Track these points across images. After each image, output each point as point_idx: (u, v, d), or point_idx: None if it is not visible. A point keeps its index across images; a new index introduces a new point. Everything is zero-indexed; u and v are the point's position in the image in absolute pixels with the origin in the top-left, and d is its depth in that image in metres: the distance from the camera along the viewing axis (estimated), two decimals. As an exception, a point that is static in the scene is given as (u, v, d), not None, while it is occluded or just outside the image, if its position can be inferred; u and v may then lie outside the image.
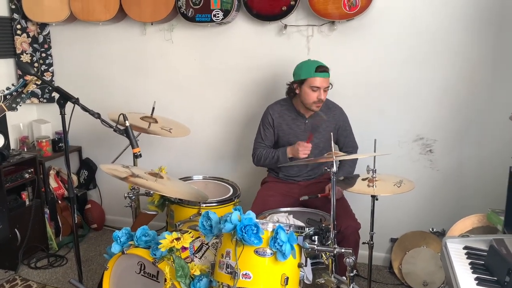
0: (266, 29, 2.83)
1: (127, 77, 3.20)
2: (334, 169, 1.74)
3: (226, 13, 2.70)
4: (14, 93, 1.96)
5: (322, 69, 2.30)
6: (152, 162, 2.80)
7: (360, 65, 2.71)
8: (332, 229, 1.76)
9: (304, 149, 2.28)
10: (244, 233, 1.51)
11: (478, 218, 2.15)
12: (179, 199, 2.27)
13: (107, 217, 3.47)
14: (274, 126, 2.48)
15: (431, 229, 2.65)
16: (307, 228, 1.67)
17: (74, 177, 3.36)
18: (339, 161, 2.47)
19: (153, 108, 2.58)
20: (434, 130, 2.66)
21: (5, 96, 1.95)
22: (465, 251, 1.47)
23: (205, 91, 3.06)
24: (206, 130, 3.10)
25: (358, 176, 2.17)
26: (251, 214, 1.55)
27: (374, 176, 2.01)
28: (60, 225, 3.14)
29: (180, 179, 2.48)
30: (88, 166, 3.37)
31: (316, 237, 1.64)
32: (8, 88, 1.97)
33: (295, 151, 2.31)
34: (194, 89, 3.07)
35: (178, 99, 3.10)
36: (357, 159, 2.50)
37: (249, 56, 2.91)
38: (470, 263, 1.39)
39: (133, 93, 3.20)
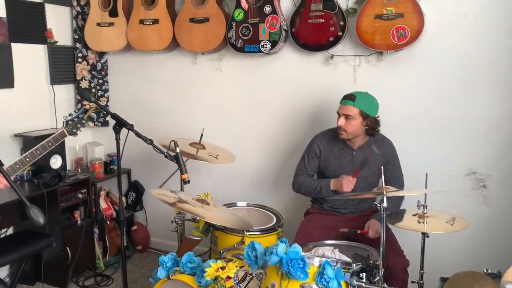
0: (313, 58, 2.86)
1: (177, 104, 3.32)
2: (385, 204, 1.70)
3: (274, 43, 2.76)
4: (75, 119, 2.09)
5: (345, 97, 2.34)
6: (197, 186, 2.85)
7: (409, 96, 2.66)
8: (380, 266, 1.70)
9: (348, 183, 2.26)
10: (290, 267, 1.49)
11: (539, 261, 2.00)
12: (223, 226, 2.29)
13: (152, 239, 3.55)
14: (320, 156, 2.47)
15: (485, 270, 2.48)
16: (354, 264, 1.62)
17: (123, 199, 3.48)
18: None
19: (202, 135, 2.65)
20: (488, 164, 2.54)
21: (67, 122, 2.08)
22: (528, 299, 1.37)
23: (251, 118, 3.11)
24: (250, 157, 3.13)
25: (404, 211, 2.10)
26: (297, 248, 1.54)
27: (425, 212, 1.94)
28: (108, 245, 3.25)
29: (224, 205, 2.51)
30: (136, 189, 3.48)
31: (364, 274, 1.59)
32: (70, 114, 2.10)
33: (339, 185, 2.29)
34: (241, 117, 3.14)
35: (225, 126, 3.17)
36: (403, 196, 2.42)
37: (295, 84, 2.94)
38: (534, 314, 1.29)
39: (181, 119, 3.30)
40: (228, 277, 1.76)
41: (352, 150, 2.43)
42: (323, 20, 2.65)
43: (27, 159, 1.88)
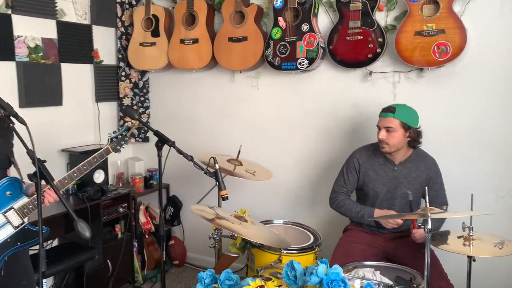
0: (350, 75, 2.85)
1: (214, 120, 3.37)
2: (429, 226, 1.65)
3: (311, 61, 2.77)
4: (119, 136, 2.16)
5: (384, 109, 2.32)
6: (233, 203, 2.84)
7: (451, 113, 2.59)
8: (424, 291, 1.64)
9: (393, 224, 2.24)
10: (330, 288, 1.47)
11: None
12: (260, 243, 2.28)
13: (188, 254, 3.58)
14: (359, 171, 2.44)
15: (537, 298, 2.35)
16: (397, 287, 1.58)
17: (161, 213, 3.55)
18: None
19: (239, 151, 2.67)
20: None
21: (111, 139, 2.16)
22: None
23: (287, 135, 3.11)
24: (287, 174, 3.13)
25: (449, 232, 2.02)
26: (338, 269, 1.51)
27: (470, 234, 1.86)
28: (146, 258, 3.30)
29: (260, 222, 2.51)
30: (174, 203, 3.54)
31: (407, 298, 1.54)
32: (114, 132, 2.18)
33: (384, 220, 2.26)
34: (277, 133, 3.15)
35: (261, 142, 3.19)
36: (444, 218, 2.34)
37: (332, 101, 2.93)
38: None
39: (219, 136, 3.35)
40: (267, 296, 1.75)
41: (393, 165, 2.37)
42: (361, 37, 2.64)
43: (75, 174, 1.96)
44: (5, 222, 1.74)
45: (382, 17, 2.69)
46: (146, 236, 3.34)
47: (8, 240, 1.74)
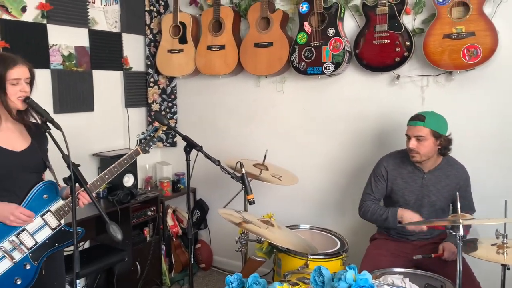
0: (377, 79, 2.82)
1: (240, 125, 3.40)
2: (461, 232, 1.61)
3: (337, 65, 2.76)
4: (148, 138, 2.22)
5: (413, 118, 2.28)
6: (259, 207, 2.86)
7: (482, 117, 2.53)
8: (456, 300, 1.61)
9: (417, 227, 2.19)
10: (359, 294, 1.46)
11: None
12: (287, 248, 2.28)
13: (215, 257, 3.62)
14: (387, 179, 2.40)
15: None
16: (427, 295, 1.55)
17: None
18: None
19: (265, 156, 2.69)
20: None
21: (140, 140, 2.21)
22: None
23: (313, 140, 3.11)
24: (312, 179, 3.12)
25: (476, 239, 1.97)
26: (367, 275, 1.50)
27: (504, 242, 1.81)
28: (173, 261, 3.36)
29: (287, 227, 2.51)
30: (201, 207, 3.58)
31: (438, 306, 1.51)
32: (142, 133, 2.24)
33: (406, 215, 2.22)
34: (303, 138, 3.15)
35: (287, 147, 3.20)
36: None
37: (358, 105, 2.91)
38: None
39: (245, 140, 3.38)
40: (294, 301, 1.75)
41: (422, 173, 2.33)
42: (388, 41, 2.61)
43: (106, 176, 2.02)
44: (43, 224, 1.81)
45: (410, 20, 2.65)
46: (174, 239, 3.40)
47: (47, 241, 1.81)
